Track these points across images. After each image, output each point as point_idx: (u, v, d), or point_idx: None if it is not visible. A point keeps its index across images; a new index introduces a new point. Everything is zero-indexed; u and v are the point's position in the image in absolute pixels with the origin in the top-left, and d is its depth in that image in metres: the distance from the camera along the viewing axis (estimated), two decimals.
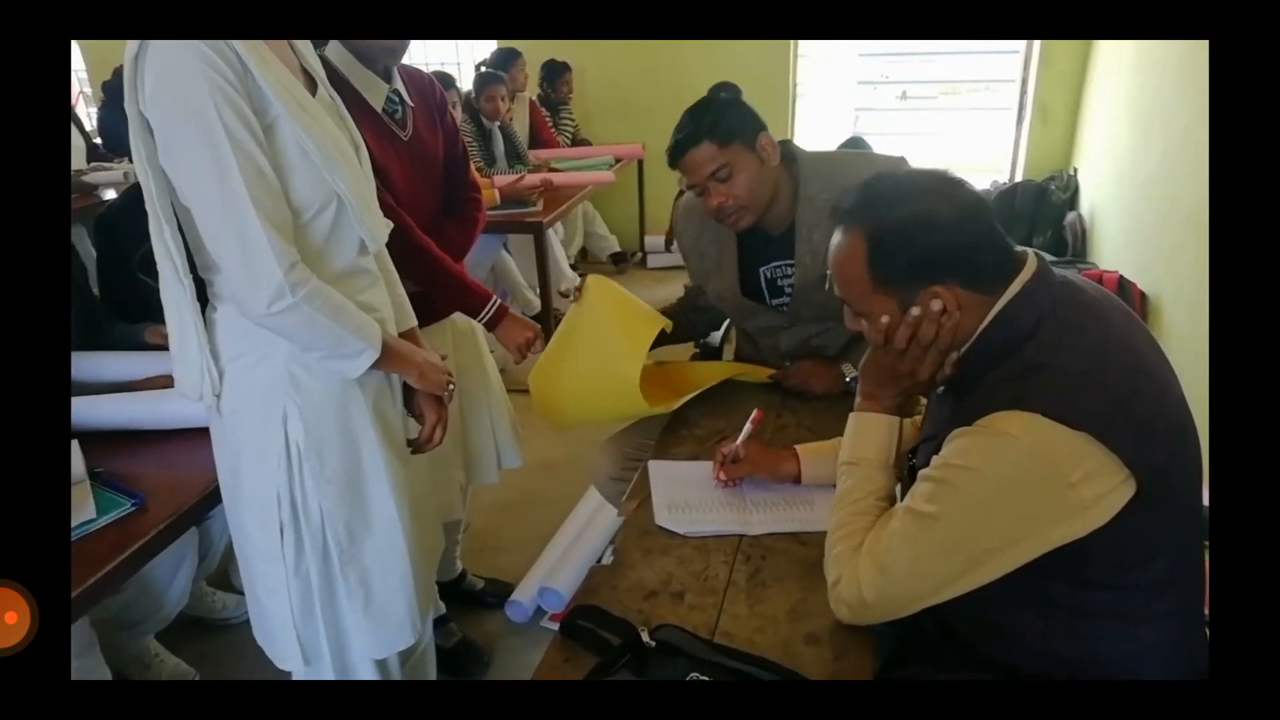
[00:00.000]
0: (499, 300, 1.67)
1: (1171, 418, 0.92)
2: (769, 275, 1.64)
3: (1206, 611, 1.00)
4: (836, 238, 1.00)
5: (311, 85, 1.14)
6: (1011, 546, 0.90)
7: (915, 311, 0.96)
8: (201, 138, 0.96)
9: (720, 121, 1.47)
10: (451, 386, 1.28)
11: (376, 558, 1.23)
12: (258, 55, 0.99)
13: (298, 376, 1.12)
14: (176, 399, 1.38)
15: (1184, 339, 2.74)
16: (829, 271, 1.02)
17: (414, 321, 1.34)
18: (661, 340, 1.48)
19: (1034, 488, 0.87)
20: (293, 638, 1.22)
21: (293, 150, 1.03)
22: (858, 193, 0.99)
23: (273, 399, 1.13)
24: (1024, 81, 4.84)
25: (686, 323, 1.82)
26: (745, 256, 1.64)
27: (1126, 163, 3.68)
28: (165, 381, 1.45)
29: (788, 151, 1.57)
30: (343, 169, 1.08)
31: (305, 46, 1.17)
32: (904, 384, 1.05)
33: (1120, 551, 0.90)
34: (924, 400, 1.20)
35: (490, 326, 1.68)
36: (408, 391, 1.28)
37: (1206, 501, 1.14)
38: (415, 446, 1.29)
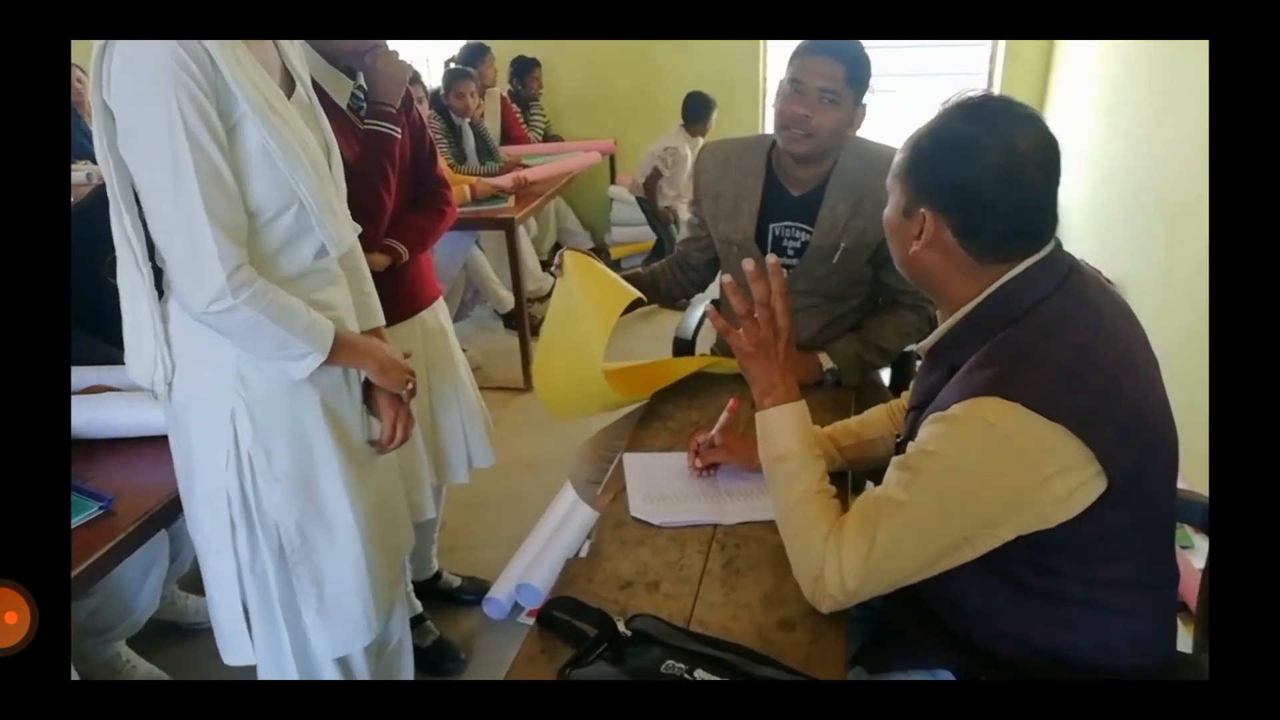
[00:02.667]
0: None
1: (1150, 419, 0.92)
2: (777, 233, 1.67)
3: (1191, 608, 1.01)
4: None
5: (289, 85, 1.14)
6: (987, 532, 0.90)
7: (727, 279, 1.10)
8: (160, 132, 0.96)
9: (860, 67, 1.52)
10: (411, 385, 1.28)
11: (330, 558, 1.22)
12: (231, 55, 0.99)
13: (245, 374, 1.12)
14: (132, 406, 1.36)
15: (1150, 326, 2.79)
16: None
17: (380, 321, 1.34)
18: (647, 299, 1.49)
19: (1007, 477, 0.87)
20: (237, 630, 1.22)
21: (256, 151, 1.03)
22: (971, 96, 0.95)
23: (221, 395, 1.12)
24: (990, 75, 4.90)
25: (673, 281, 1.84)
26: (761, 208, 1.66)
27: (1092, 154, 3.74)
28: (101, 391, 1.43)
29: None
30: (306, 173, 1.07)
31: (292, 46, 1.16)
32: (778, 358, 1.06)
33: (1085, 546, 0.91)
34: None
35: None
36: (368, 390, 1.28)
37: (1197, 500, 1.17)
38: (378, 446, 1.29)
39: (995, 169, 0.89)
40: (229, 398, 1.12)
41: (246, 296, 1.02)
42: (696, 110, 4.43)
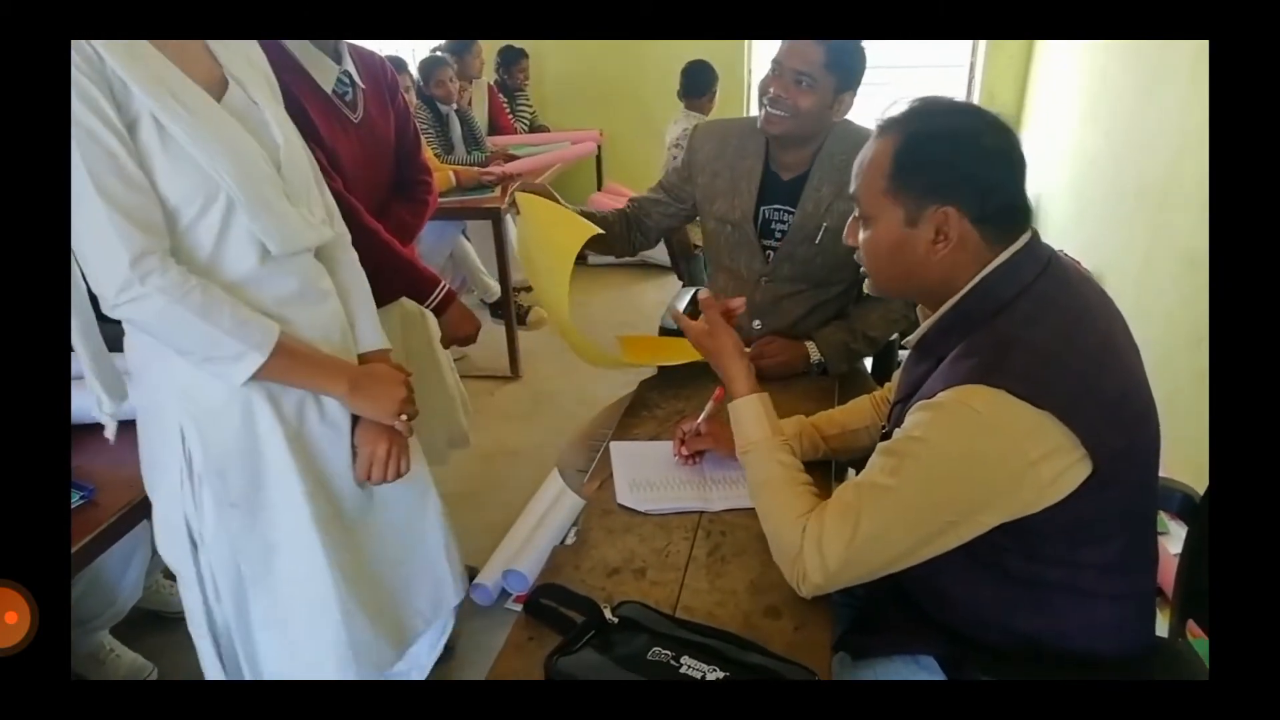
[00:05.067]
0: (447, 286, 1.67)
1: (1134, 403, 0.93)
2: (766, 215, 1.67)
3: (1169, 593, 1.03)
4: (871, 142, 0.99)
5: (220, 89, 1.06)
6: (970, 518, 0.91)
7: (704, 294, 1.17)
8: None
9: (845, 54, 1.52)
10: (404, 416, 1.16)
11: (294, 588, 1.15)
12: (127, 52, 0.93)
13: (190, 388, 1.05)
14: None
15: (1130, 314, 2.82)
16: (855, 175, 1.01)
17: (383, 344, 1.24)
18: (594, 244, 1.48)
19: (994, 463, 0.88)
20: (213, 663, 1.20)
21: (162, 142, 0.97)
22: (907, 105, 0.98)
23: (169, 413, 1.07)
24: (972, 66, 4.92)
25: (618, 234, 1.78)
26: (758, 190, 1.66)
27: (1072, 143, 3.76)
28: None
29: None
30: (230, 164, 1.00)
31: (229, 51, 1.08)
32: (732, 361, 1.18)
33: (1071, 530, 0.92)
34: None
35: (438, 312, 1.68)
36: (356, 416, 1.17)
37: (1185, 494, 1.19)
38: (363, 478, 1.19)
39: (991, 149, 0.93)
40: (176, 415, 1.06)
41: (157, 285, 0.95)
42: (696, 82, 3.80)
